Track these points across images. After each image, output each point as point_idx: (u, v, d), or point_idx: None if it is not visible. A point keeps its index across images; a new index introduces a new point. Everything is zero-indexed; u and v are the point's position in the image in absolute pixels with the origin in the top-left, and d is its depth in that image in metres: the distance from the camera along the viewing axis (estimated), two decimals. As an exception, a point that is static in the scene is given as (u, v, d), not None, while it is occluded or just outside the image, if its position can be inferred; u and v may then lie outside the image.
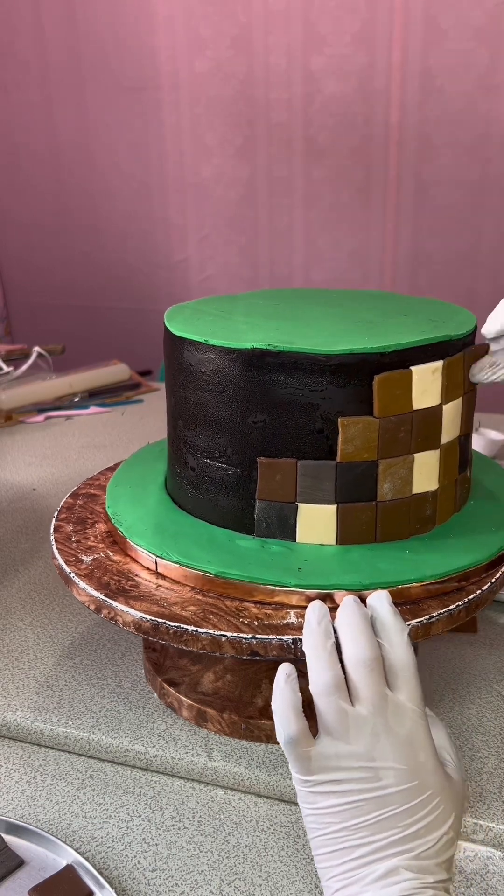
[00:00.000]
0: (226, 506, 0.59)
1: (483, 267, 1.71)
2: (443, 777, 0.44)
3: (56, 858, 0.53)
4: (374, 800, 0.42)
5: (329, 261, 1.81)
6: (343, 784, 0.42)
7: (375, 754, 0.42)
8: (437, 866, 0.42)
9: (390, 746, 0.43)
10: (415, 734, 0.43)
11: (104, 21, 1.75)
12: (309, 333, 0.56)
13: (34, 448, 1.22)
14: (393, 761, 0.42)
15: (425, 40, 1.57)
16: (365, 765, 0.42)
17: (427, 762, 0.43)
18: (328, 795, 0.43)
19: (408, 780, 0.42)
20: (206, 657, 0.68)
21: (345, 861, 0.42)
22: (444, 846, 0.42)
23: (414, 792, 0.42)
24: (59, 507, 0.70)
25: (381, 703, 0.43)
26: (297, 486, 0.55)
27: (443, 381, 0.55)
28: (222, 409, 0.56)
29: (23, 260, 2.04)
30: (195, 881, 0.53)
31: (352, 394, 0.53)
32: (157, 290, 1.95)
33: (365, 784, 0.42)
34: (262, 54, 1.68)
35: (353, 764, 0.42)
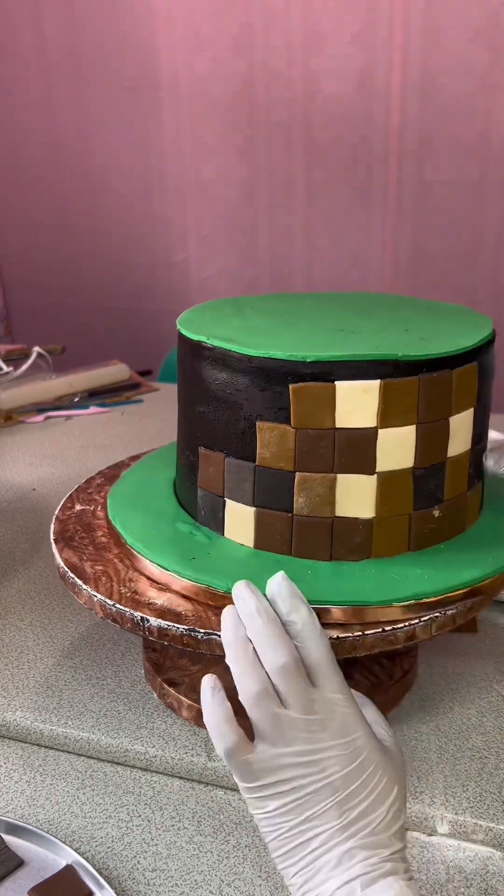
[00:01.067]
0: (184, 492, 0.62)
1: (483, 267, 1.71)
2: (381, 752, 0.45)
3: (56, 858, 0.53)
4: (319, 790, 0.43)
5: (329, 261, 1.81)
6: (289, 783, 0.43)
7: (314, 748, 0.43)
8: (389, 838, 0.43)
9: (327, 737, 0.44)
10: (347, 721, 0.44)
11: (104, 21, 1.75)
12: (276, 335, 0.56)
13: (34, 448, 1.22)
14: (332, 750, 0.43)
15: (425, 40, 1.57)
16: (305, 760, 0.43)
17: (363, 742, 0.44)
18: (276, 797, 0.43)
19: (349, 762, 0.43)
20: (206, 657, 0.68)
21: (303, 856, 0.43)
22: (392, 818, 0.44)
23: (356, 772, 0.43)
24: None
25: (308, 703, 0.44)
26: (224, 481, 0.56)
27: (380, 402, 0.50)
28: (182, 398, 0.61)
29: (23, 260, 2.04)
30: (195, 881, 0.53)
31: (271, 399, 0.52)
32: (157, 290, 1.95)
33: (310, 778, 0.43)
34: (262, 54, 1.68)
35: (295, 762, 0.43)
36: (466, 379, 0.53)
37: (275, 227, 1.82)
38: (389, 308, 0.65)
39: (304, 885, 0.43)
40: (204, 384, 0.56)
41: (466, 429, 0.55)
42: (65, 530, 0.66)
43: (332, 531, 0.54)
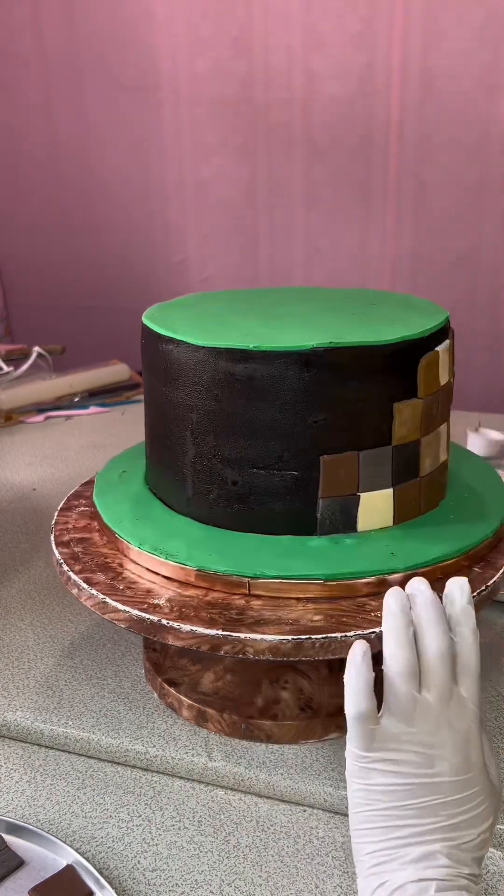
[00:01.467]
0: (281, 511, 0.58)
1: (483, 267, 1.71)
2: (487, 778, 0.45)
3: (56, 858, 0.53)
4: (426, 785, 0.43)
5: (329, 261, 1.81)
6: (399, 765, 0.44)
7: (434, 742, 0.44)
8: (472, 860, 0.43)
9: (449, 738, 0.44)
10: (471, 731, 0.45)
11: (104, 21, 1.75)
12: (354, 329, 0.58)
13: (34, 448, 1.22)
14: (449, 752, 0.44)
15: (425, 40, 1.57)
16: (423, 751, 0.44)
17: (478, 761, 0.45)
18: (383, 773, 0.44)
19: (460, 772, 0.44)
20: (206, 657, 0.68)
21: (386, 839, 0.43)
22: (480, 843, 0.44)
23: (464, 785, 0.44)
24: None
25: (447, 694, 0.44)
26: (359, 478, 0.57)
27: (449, 361, 0.61)
28: (274, 415, 0.55)
29: (23, 260, 2.04)
30: (195, 881, 0.53)
31: (403, 379, 0.56)
32: (157, 290, 1.94)
33: (420, 769, 0.43)
34: (262, 54, 1.68)
35: (413, 748, 0.44)
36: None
37: (275, 227, 1.82)
38: (345, 296, 0.69)
39: (377, 867, 0.43)
40: (320, 393, 0.54)
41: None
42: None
43: (438, 479, 0.63)
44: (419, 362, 0.57)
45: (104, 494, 0.67)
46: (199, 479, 0.59)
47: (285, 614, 0.53)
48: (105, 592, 0.56)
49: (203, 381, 0.57)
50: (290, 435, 0.56)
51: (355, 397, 0.55)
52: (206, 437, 0.58)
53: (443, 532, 0.59)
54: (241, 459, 0.57)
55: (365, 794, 0.44)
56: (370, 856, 0.44)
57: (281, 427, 0.55)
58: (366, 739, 0.44)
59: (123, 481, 0.69)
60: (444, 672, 0.44)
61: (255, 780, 0.59)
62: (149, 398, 0.64)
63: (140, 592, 0.56)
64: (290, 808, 0.59)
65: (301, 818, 0.58)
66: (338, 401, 0.55)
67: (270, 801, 0.60)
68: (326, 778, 0.59)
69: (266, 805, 0.59)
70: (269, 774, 0.59)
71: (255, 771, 0.59)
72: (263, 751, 0.61)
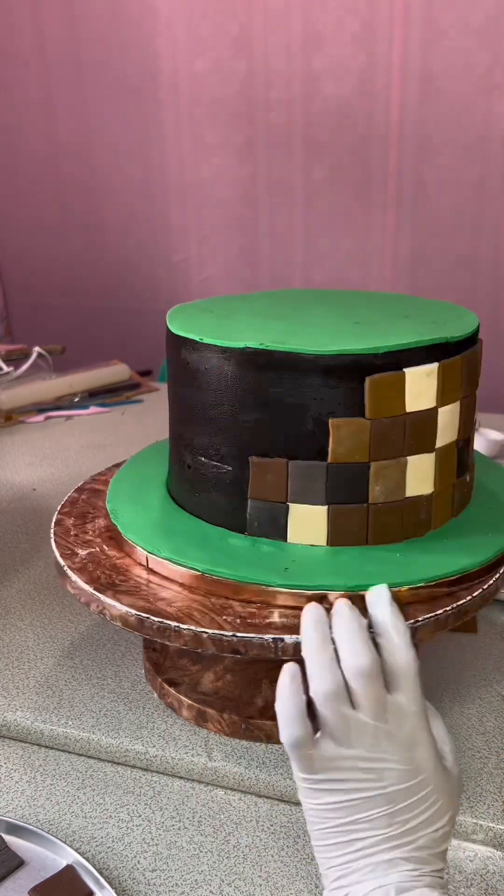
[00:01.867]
0: (220, 504, 0.59)
1: (483, 267, 1.71)
2: (441, 773, 0.45)
3: (56, 858, 0.53)
4: (375, 798, 0.43)
5: (329, 261, 1.81)
6: (345, 783, 0.43)
7: (377, 756, 0.43)
8: (433, 857, 0.43)
9: (391, 748, 0.43)
10: (415, 734, 0.44)
11: (104, 21, 1.75)
12: (306, 334, 0.56)
13: (34, 448, 1.22)
14: (394, 762, 0.43)
15: (425, 40, 1.57)
16: (367, 766, 0.43)
17: (427, 760, 0.44)
18: (330, 793, 0.43)
19: (408, 778, 0.43)
20: (205, 657, 0.68)
21: (345, 853, 0.43)
22: (440, 838, 0.44)
23: (414, 789, 0.43)
24: (63, 502, 0.70)
25: (380, 709, 0.43)
26: (287, 487, 0.55)
27: (438, 383, 0.54)
28: (217, 408, 0.56)
29: (23, 260, 2.04)
30: (195, 881, 0.53)
31: (343, 395, 0.53)
32: (157, 290, 1.94)
33: (367, 784, 0.43)
34: (262, 54, 1.67)
35: (356, 765, 0.43)
36: (478, 357, 0.60)
37: (275, 227, 1.82)
38: (367, 302, 0.67)
39: (340, 880, 0.43)
40: (255, 393, 0.54)
41: (476, 403, 0.61)
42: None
43: (403, 512, 0.57)
44: (364, 381, 0.52)
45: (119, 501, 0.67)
46: (172, 458, 0.64)
47: (160, 593, 0.56)
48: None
49: (174, 364, 0.61)
50: (227, 430, 0.57)
51: (289, 404, 0.54)
52: (175, 420, 0.62)
53: (379, 559, 0.56)
54: (193, 446, 0.59)
55: (316, 813, 0.44)
56: (332, 870, 0.44)
57: (221, 421, 0.57)
58: (306, 764, 0.43)
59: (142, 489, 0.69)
60: (371, 688, 0.43)
61: (255, 780, 0.59)
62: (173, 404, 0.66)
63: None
64: (290, 808, 0.59)
65: (301, 818, 0.58)
66: (271, 404, 0.54)
67: (270, 801, 0.60)
68: (326, 778, 0.59)
69: (266, 805, 0.59)
70: (269, 774, 0.59)
71: (255, 771, 0.59)
72: (263, 751, 0.61)
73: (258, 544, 0.57)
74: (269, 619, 0.52)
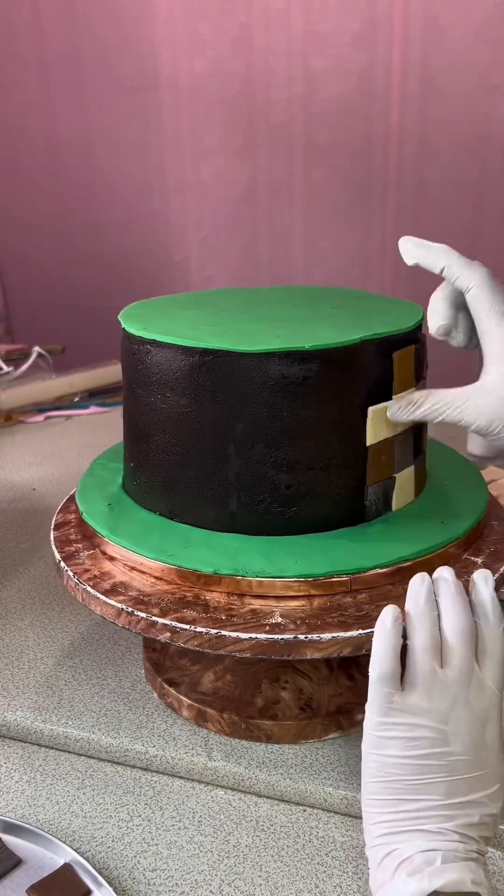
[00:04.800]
0: (335, 504, 0.58)
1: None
2: (502, 762, 0.46)
3: (53, 857, 0.53)
4: (439, 763, 0.44)
5: (329, 261, 1.81)
6: (415, 740, 0.44)
7: (450, 719, 0.44)
8: (480, 838, 0.44)
9: (465, 716, 0.44)
10: (489, 713, 0.45)
11: (104, 21, 1.75)
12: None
13: (34, 448, 1.22)
14: (464, 731, 0.44)
15: (425, 40, 1.57)
16: (439, 726, 0.44)
17: (493, 742, 0.45)
18: (398, 746, 0.44)
19: (473, 752, 0.44)
20: (205, 657, 0.68)
21: (395, 811, 0.44)
22: (490, 823, 0.45)
23: (476, 765, 0.44)
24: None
25: (468, 672, 0.45)
26: (395, 460, 0.59)
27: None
28: (332, 412, 0.56)
29: (23, 260, 2.04)
30: (195, 881, 0.53)
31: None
32: (158, 290, 1.94)
33: (434, 746, 0.44)
34: (262, 54, 1.67)
35: (429, 723, 0.44)
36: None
37: (275, 227, 1.82)
38: (314, 297, 0.70)
39: (385, 837, 0.44)
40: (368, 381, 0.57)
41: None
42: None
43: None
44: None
45: (116, 529, 0.61)
46: (246, 489, 0.57)
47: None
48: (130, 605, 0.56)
49: (252, 388, 0.55)
50: (343, 430, 0.57)
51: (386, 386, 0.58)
52: (252, 447, 0.56)
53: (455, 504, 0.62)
54: (296, 462, 0.56)
55: (378, 765, 0.45)
56: (378, 825, 0.45)
57: (334, 423, 0.56)
58: (384, 702, 0.44)
59: (119, 513, 0.64)
60: (464, 649, 0.45)
61: (255, 780, 0.59)
62: (165, 420, 0.59)
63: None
64: (290, 808, 0.59)
65: (301, 818, 0.58)
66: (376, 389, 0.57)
67: (270, 801, 0.60)
68: (326, 778, 0.59)
69: (266, 805, 0.59)
70: (269, 774, 0.59)
71: (254, 771, 0.59)
72: (263, 751, 0.61)
73: (391, 522, 0.60)
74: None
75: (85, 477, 0.70)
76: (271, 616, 0.52)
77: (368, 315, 0.62)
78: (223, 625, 0.51)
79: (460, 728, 0.44)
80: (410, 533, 0.58)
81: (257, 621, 0.52)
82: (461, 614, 0.46)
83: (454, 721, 0.44)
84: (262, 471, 0.56)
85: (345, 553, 0.56)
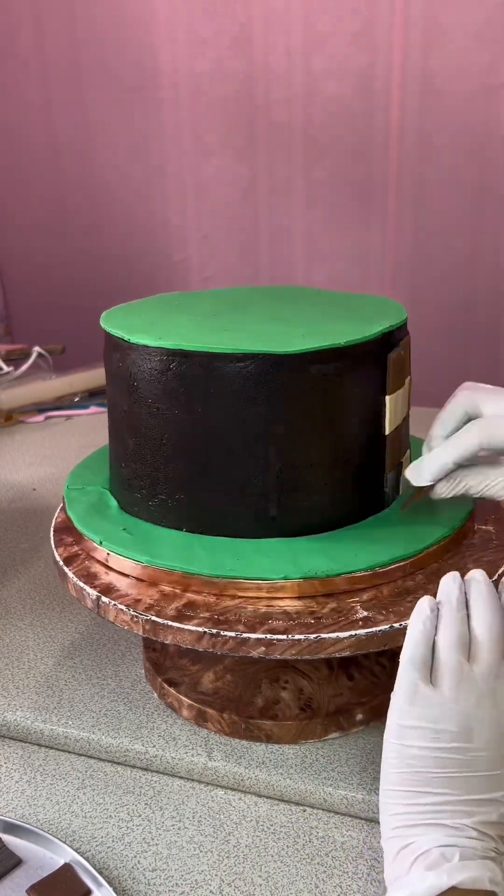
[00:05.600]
0: (356, 496, 0.61)
1: (483, 267, 1.71)
2: None
3: (53, 857, 0.53)
4: (461, 758, 0.44)
5: (329, 261, 1.81)
6: (438, 732, 0.44)
7: (475, 715, 0.44)
8: (497, 836, 0.44)
9: (490, 713, 0.44)
10: None
11: (104, 21, 1.75)
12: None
13: (34, 448, 1.22)
14: (488, 728, 0.44)
15: (425, 40, 1.57)
16: (463, 721, 0.44)
17: None
18: (421, 737, 0.44)
19: (496, 750, 0.44)
20: (206, 657, 0.68)
21: (414, 803, 0.44)
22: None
23: (498, 763, 0.44)
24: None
25: (495, 669, 0.45)
26: (402, 444, 0.62)
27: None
28: (356, 407, 0.59)
29: (23, 260, 2.04)
30: (195, 881, 0.53)
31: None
32: (158, 291, 1.93)
33: (457, 741, 0.44)
34: (262, 54, 1.67)
35: (453, 716, 0.44)
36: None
37: (275, 227, 1.82)
38: (297, 297, 0.70)
39: (402, 829, 0.44)
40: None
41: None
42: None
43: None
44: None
45: (129, 546, 0.59)
46: (286, 493, 0.57)
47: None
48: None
49: (288, 388, 0.55)
50: (364, 423, 0.59)
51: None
52: (293, 447, 0.56)
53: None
54: (322, 461, 0.57)
55: (399, 755, 0.45)
56: (396, 817, 0.45)
57: (357, 416, 0.58)
58: (411, 690, 0.45)
59: (139, 536, 0.61)
60: (492, 646, 0.45)
61: (255, 780, 0.59)
62: (187, 429, 0.58)
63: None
64: (290, 808, 0.59)
65: (301, 818, 0.58)
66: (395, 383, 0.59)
67: (270, 801, 0.59)
68: (326, 778, 0.59)
69: (266, 805, 0.59)
70: (269, 774, 0.59)
71: (254, 771, 0.59)
72: (263, 751, 0.61)
73: (413, 508, 0.61)
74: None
75: (70, 505, 0.67)
76: (355, 612, 0.53)
77: (360, 313, 0.63)
78: (317, 629, 0.51)
79: (484, 725, 0.44)
80: (427, 516, 0.61)
81: (346, 619, 0.52)
82: (491, 611, 0.46)
83: (478, 717, 0.44)
84: (303, 474, 0.57)
85: (399, 536, 0.58)
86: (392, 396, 0.59)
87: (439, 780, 0.44)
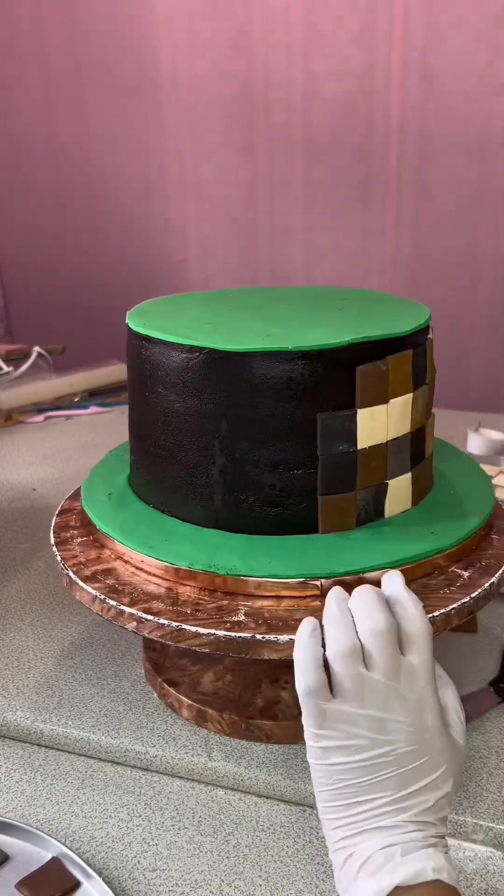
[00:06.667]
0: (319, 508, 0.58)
1: (483, 267, 1.71)
2: (446, 740, 0.46)
3: (41, 852, 0.54)
4: (384, 760, 0.44)
5: (329, 261, 1.81)
6: (355, 743, 0.44)
7: (386, 717, 0.44)
8: (436, 821, 0.45)
9: (402, 708, 0.44)
10: (424, 697, 0.45)
11: (104, 21, 1.75)
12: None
13: (34, 448, 1.22)
14: (404, 723, 0.44)
15: (425, 40, 1.57)
16: (377, 726, 0.44)
17: (433, 725, 0.45)
18: (340, 753, 0.44)
19: (416, 740, 0.44)
20: (206, 657, 0.68)
21: (351, 814, 0.45)
22: (444, 803, 0.45)
23: (420, 753, 0.45)
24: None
25: (394, 668, 0.45)
26: (388, 468, 0.58)
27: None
28: (315, 413, 0.56)
29: (23, 260, 2.04)
30: (195, 881, 0.53)
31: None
32: (158, 291, 1.94)
33: (375, 747, 0.44)
34: (262, 54, 1.68)
35: (365, 724, 0.44)
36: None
37: (275, 227, 1.82)
38: (329, 297, 0.69)
39: (344, 840, 0.45)
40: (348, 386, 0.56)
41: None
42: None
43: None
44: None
45: (107, 517, 0.62)
46: (230, 488, 0.57)
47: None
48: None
49: (237, 386, 0.55)
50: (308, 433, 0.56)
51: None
52: (238, 445, 0.56)
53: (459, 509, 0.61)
54: (278, 462, 0.56)
55: (325, 774, 0.45)
56: (337, 830, 0.45)
57: (303, 425, 0.55)
58: (318, 717, 0.44)
59: (118, 503, 0.64)
60: (384, 647, 0.45)
61: (255, 780, 0.59)
62: (159, 413, 0.59)
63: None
64: (290, 808, 0.59)
65: (301, 818, 0.58)
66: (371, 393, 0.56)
67: (270, 801, 0.60)
68: (326, 778, 0.59)
69: (266, 805, 0.59)
70: (269, 774, 0.59)
71: (254, 771, 0.59)
72: (263, 751, 0.61)
73: (380, 528, 0.59)
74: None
75: (96, 466, 0.71)
76: (236, 613, 0.52)
77: (370, 317, 0.61)
78: (186, 618, 0.52)
79: (399, 721, 0.44)
80: (394, 541, 0.57)
81: (220, 618, 0.52)
82: (374, 613, 0.45)
83: (391, 717, 0.44)
84: (246, 469, 0.56)
85: (320, 557, 0.55)
86: (368, 411, 0.55)
87: (370, 786, 0.44)
